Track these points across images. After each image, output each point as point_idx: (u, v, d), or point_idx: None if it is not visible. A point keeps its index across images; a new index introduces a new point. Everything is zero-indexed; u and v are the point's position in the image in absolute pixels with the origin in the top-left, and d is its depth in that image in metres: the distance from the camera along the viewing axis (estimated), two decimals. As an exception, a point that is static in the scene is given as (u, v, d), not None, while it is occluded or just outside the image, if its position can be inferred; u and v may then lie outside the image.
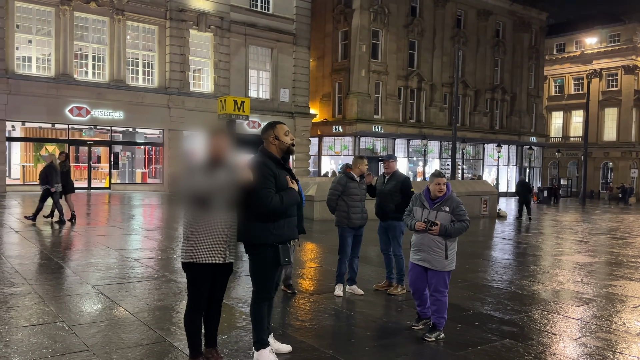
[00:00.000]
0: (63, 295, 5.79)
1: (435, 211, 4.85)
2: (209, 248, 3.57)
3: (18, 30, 21.37)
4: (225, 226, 3.62)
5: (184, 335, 4.53)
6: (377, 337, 4.90)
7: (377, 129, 32.25)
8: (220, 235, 3.59)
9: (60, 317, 4.95)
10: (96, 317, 5.09)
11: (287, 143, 3.88)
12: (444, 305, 4.82)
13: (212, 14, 25.31)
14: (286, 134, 3.90)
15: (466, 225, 4.84)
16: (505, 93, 39.96)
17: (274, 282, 3.98)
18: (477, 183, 21.78)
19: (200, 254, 3.57)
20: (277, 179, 3.75)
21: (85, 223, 12.32)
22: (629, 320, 5.74)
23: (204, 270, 3.61)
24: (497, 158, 35.84)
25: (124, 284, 6.40)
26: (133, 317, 5.08)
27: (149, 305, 5.54)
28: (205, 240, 3.56)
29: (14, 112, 21.01)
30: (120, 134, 24.83)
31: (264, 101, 27.70)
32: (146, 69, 24.41)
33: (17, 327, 4.63)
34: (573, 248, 11.58)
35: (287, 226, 3.85)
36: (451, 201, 4.86)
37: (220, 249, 3.60)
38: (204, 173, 3.55)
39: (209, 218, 3.57)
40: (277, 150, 3.88)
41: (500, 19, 39.14)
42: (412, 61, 34.50)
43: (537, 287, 7.22)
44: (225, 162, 3.63)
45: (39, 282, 6.37)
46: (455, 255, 4.89)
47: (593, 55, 47.24)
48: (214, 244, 3.58)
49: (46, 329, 4.63)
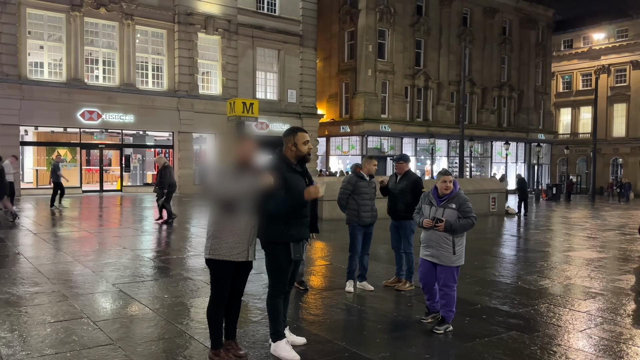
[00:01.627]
0: (85, 293, 6.03)
1: (442, 208, 5.02)
2: (232, 247, 3.81)
3: (30, 36, 21.76)
4: (249, 227, 3.86)
5: (203, 329, 4.76)
6: (388, 330, 5.08)
7: (385, 128, 32.40)
8: (244, 235, 3.84)
9: (84, 314, 5.19)
10: (118, 313, 5.33)
11: (304, 152, 4.10)
12: (453, 299, 4.99)
13: (220, 17, 25.58)
14: (305, 143, 4.09)
15: (471, 222, 4.99)
16: (513, 90, 39.94)
17: (287, 277, 4.16)
18: (485, 181, 21.88)
19: (224, 251, 3.81)
20: (287, 182, 3.95)
21: (99, 225, 12.60)
22: (636, 313, 5.88)
23: (227, 267, 3.85)
24: (505, 155, 35.86)
25: (142, 282, 6.63)
26: (153, 313, 5.30)
27: (167, 301, 5.76)
28: (229, 239, 3.80)
29: (27, 117, 21.40)
30: (131, 137, 25.16)
31: (271, 102, 27.94)
32: (155, 72, 24.74)
33: (45, 323, 4.87)
34: (581, 244, 11.68)
35: (299, 226, 4.07)
36: (457, 198, 5.03)
37: (243, 248, 3.85)
38: (233, 178, 3.77)
39: (234, 219, 3.81)
40: (293, 156, 4.10)
41: (507, 16, 39.13)
42: (418, 60, 34.61)
43: (544, 282, 7.36)
44: (252, 167, 3.87)
45: (60, 281, 6.62)
46: (463, 251, 5.06)
47: (601, 51, 47.03)
48: (238, 243, 3.82)
49: (72, 324, 4.86)
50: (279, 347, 4.11)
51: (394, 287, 6.65)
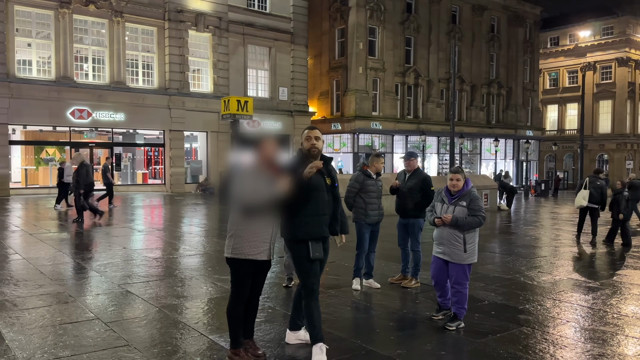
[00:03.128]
0: (93, 294, 5.98)
1: (453, 206, 5.07)
2: (254, 246, 3.82)
3: (18, 34, 21.45)
4: (270, 226, 3.88)
5: (218, 328, 4.76)
6: (400, 328, 5.12)
7: (376, 125, 32.49)
8: (266, 235, 3.85)
9: (95, 315, 5.14)
10: (129, 313, 5.29)
11: (306, 147, 4.08)
12: (465, 296, 5.03)
13: (210, 14, 25.43)
14: (307, 138, 4.06)
15: (479, 221, 4.98)
16: (501, 87, 40.26)
17: (311, 276, 4.06)
18: (477, 177, 22.05)
19: (246, 250, 3.81)
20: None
21: (95, 224, 12.48)
22: (637, 306, 5.99)
23: (248, 266, 3.85)
24: (494, 152, 36.15)
25: (148, 282, 6.59)
26: (164, 313, 5.27)
27: (177, 301, 5.73)
28: (251, 238, 3.81)
29: (16, 116, 21.11)
30: (121, 135, 24.95)
31: (263, 100, 27.86)
32: (146, 70, 24.53)
33: (56, 325, 4.82)
34: (575, 239, 11.82)
35: (317, 224, 4.03)
36: (468, 196, 5.05)
37: (265, 247, 3.87)
38: (256, 181, 3.76)
39: (256, 219, 3.82)
40: (305, 152, 4.12)
41: (495, 13, 39.41)
42: (408, 57, 34.73)
43: (545, 278, 7.45)
44: (274, 169, 3.85)
45: (65, 282, 6.55)
46: (475, 249, 5.09)
47: (587, 49, 47.60)
48: (260, 242, 3.83)
49: (84, 325, 4.82)
50: (315, 351, 3.98)
51: (399, 285, 6.69)
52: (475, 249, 5.10)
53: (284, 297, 6.11)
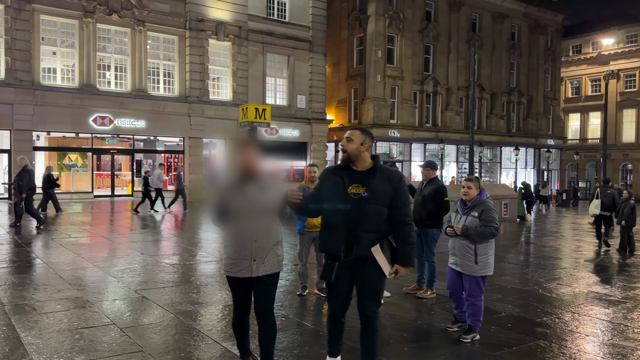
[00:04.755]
0: (110, 300, 6.06)
1: (465, 216, 5.00)
2: (234, 263, 3.58)
3: (43, 42, 21.97)
4: (249, 241, 3.52)
5: (231, 335, 4.76)
6: (414, 339, 5.06)
7: (393, 133, 32.39)
8: (243, 251, 3.53)
9: (111, 320, 5.21)
10: (144, 319, 5.34)
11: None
12: (479, 309, 4.96)
13: (231, 23, 25.73)
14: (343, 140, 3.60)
15: (490, 231, 4.84)
16: (522, 96, 39.84)
17: (332, 297, 3.62)
18: (497, 186, 21.80)
19: (227, 267, 3.64)
20: (322, 183, 3.63)
21: (114, 230, 12.65)
22: (660, 322, 5.84)
23: (233, 281, 3.66)
24: (514, 161, 35.73)
25: (164, 288, 6.65)
26: (178, 319, 5.31)
27: (191, 307, 5.77)
28: (232, 254, 3.59)
29: (40, 123, 21.58)
30: (142, 142, 25.29)
31: (281, 108, 28.02)
32: (167, 78, 24.89)
33: (73, 330, 4.89)
34: (596, 250, 11.60)
35: (324, 239, 3.59)
36: (480, 206, 4.94)
37: (245, 264, 3.54)
38: (233, 188, 3.58)
39: (233, 234, 3.59)
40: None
41: (516, 21, 39.09)
42: (427, 65, 34.62)
43: (564, 290, 7.32)
44: (256, 176, 3.59)
45: (83, 287, 6.65)
46: (489, 261, 4.98)
47: (610, 56, 46.86)
48: (238, 259, 3.56)
49: (100, 330, 4.88)
50: None
51: (414, 295, 6.63)
52: (489, 261, 4.98)
53: (297, 305, 6.11)
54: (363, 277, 3.48)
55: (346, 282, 3.50)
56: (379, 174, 3.45)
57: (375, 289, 3.52)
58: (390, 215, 3.46)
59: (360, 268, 3.46)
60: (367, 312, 3.54)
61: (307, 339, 4.88)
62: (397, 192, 3.46)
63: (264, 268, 3.55)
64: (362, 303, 3.55)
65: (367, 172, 3.46)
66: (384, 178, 3.45)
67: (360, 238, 3.39)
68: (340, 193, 3.43)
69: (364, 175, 3.45)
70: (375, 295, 3.53)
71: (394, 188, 3.45)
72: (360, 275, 3.48)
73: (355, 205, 3.38)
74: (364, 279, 3.49)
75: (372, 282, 3.50)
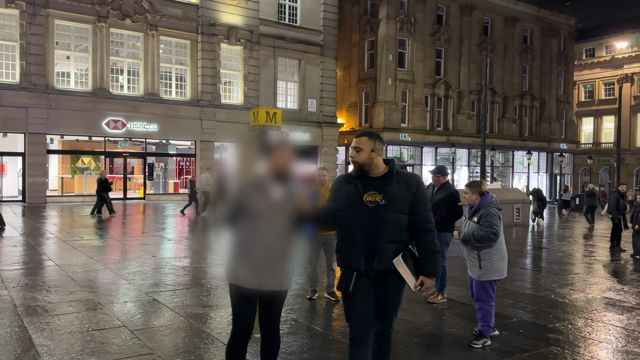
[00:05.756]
0: (121, 302, 6.09)
1: (469, 221, 5.06)
2: (240, 270, 3.19)
3: (57, 47, 22.25)
4: (262, 249, 3.14)
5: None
6: (425, 344, 5.03)
7: (404, 137, 32.30)
8: (254, 259, 3.15)
9: (122, 322, 5.24)
10: (155, 322, 5.37)
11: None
12: (488, 313, 4.93)
13: (242, 27, 25.87)
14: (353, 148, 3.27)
15: (484, 235, 4.80)
16: (534, 99, 39.55)
17: (348, 314, 3.25)
18: (509, 191, 21.64)
19: (231, 273, 3.24)
20: (335, 193, 3.34)
21: (126, 233, 12.75)
22: (675, 329, 5.74)
23: (235, 291, 3.23)
24: (527, 165, 35.45)
25: (174, 291, 6.68)
26: (189, 322, 5.33)
27: (202, 310, 5.79)
28: (239, 260, 3.21)
29: (54, 126, 21.83)
30: (154, 145, 25.48)
31: (292, 111, 28.08)
32: (179, 82, 25.08)
33: (84, 332, 4.93)
34: (609, 256, 11.46)
35: (343, 251, 3.26)
36: (480, 211, 4.96)
37: (254, 274, 3.15)
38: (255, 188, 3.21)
39: (246, 237, 3.19)
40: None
41: (528, 25, 38.85)
42: (438, 69, 34.52)
43: (577, 295, 7.23)
44: (286, 180, 3.24)
45: (94, 289, 6.70)
46: (493, 266, 4.92)
47: (624, 60, 46.37)
48: (246, 266, 3.16)
49: (111, 333, 4.91)
50: None
51: (425, 300, 6.59)
52: (494, 266, 4.93)
53: (307, 309, 6.10)
54: (385, 290, 3.20)
55: (367, 295, 3.18)
56: (396, 180, 3.19)
57: (396, 303, 3.28)
58: (411, 222, 3.19)
59: (382, 281, 3.18)
60: (386, 327, 3.29)
61: (317, 343, 4.87)
62: (417, 198, 3.19)
63: (274, 283, 3.16)
64: (382, 317, 3.25)
65: (383, 178, 3.21)
66: (402, 183, 3.19)
67: (381, 249, 3.12)
68: (356, 202, 3.17)
69: (379, 182, 3.19)
70: (395, 310, 3.30)
71: (413, 193, 3.18)
72: (382, 289, 3.20)
73: (372, 215, 3.12)
74: (385, 292, 3.21)
75: (394, 295, 3.24)
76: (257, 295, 3.18)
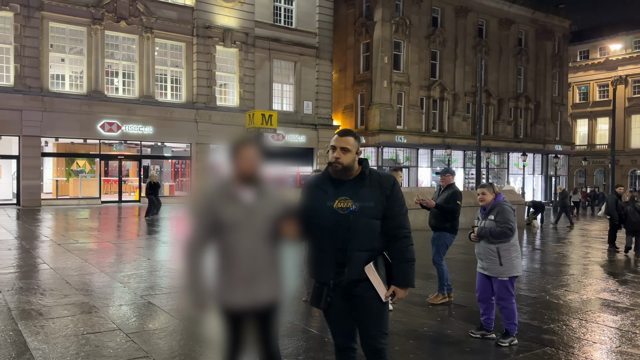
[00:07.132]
0: (116, 305, 6.08)
1: (484, 220, 5.14)
2: (227, 290, 2.80)
3: (52, 49, 22.19)
4: (247, 261, 2.77)
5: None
6: (420, 347, 5.03)
7: (400, 139, 32.38)
8: (240, 272, 2.77)
9: (117, 325, 5.22)
10: (150, 325, 5.35)
11: (329, 160, 2.96)
12: (512, 312, 5.01)
13: (237, 30, 25.88)
14: (332, 148, 2.92)
15: (501, 231, 4.96)
16: (529, 101, 39.73)
17: (330, 322, 3.03)
18: (504, 192, 21.69)
19: (219, 298, 2.83)
20: (304, 198, 3.02)
21: (121, 236, 12.71)
22: (669, 329, 5.77)
23: (226, 316, 2.88)
24: (522, 167, 35.57)
25: (170, 294, 6.66)
26: (184, 325, 5.31)
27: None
28: (224, 279, 2.81)
29: (49, 129, 21.75)
30: (149, 148, 25.44)
31: (287, 114, 28.09)
32: (174, 84, 25.05)
33: (79, 335, 4.91)
34: (604, 257, 11.51)
35: (315, 263, 2.97)
36: (496, 209, 5.09)
37: (243, 290, 2.78)
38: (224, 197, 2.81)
39: (225, 253, 2.80)
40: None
41: (523, 27, 39.05)
42: (434, 71, 34.63)
43: (572, 297, 7.26)
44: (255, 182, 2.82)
45: (89, 292, 6.67)
46: (513, 263, 5.02)
47: (618, 62, 46.68)
48: (235, 284, 2.78)
49: (106, 336, 4.90)
50: None
51: (424, 301, 6.60)
52: (514, 262, 5.03)
53: (303, 311, 6.10)
54: (362, 301, 2.88)
55: (342, 307, 2.92)
56: (369, 181, 2.89)
57: (377, 315, 2.90)
58: (384, 227, 2.89)
59: (356, 292, 2.87)
60: (375, 344, 2.90)
61: (313, 345, 4.87)
62: (391, 200, 2.88)
63: (267, 294, 2.81)
64: (365, 334, 2.93)
65: (355, 180, 2.90)
66: (374, 185, 2.89)
67: (351, 259, 2.83)
68: (326, 210, 2.86)
69: (351, 185, 2.88)
70: (379, 323, 2.91)
71: (387, 196, 2.88)
72: (358, 301, 2.88)
73: (343, 222, 2.82)
74: (363, 305, 2.88)
75: (373, 307, 2.88)
76: (252, 313, 2.83)
